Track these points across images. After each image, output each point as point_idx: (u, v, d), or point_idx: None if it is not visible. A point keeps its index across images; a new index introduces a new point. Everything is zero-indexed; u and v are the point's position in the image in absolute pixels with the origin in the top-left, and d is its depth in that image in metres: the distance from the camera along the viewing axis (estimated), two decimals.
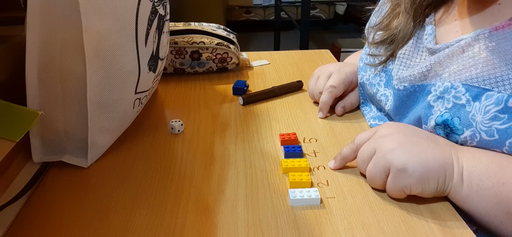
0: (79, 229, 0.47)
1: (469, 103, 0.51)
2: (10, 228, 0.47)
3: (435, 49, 0.57)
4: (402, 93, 0.60)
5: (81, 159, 0.58)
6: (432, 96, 0.55)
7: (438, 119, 0.53)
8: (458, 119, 0.51)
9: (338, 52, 2.82)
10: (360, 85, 0.73)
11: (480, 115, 0.49)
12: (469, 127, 0.50)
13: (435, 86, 0.55)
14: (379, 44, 0.68)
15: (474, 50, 0.52)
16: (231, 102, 0.78)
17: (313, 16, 4.06)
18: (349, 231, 0.46)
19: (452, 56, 0.54)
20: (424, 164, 0.48)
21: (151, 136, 0.66)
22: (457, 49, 0.54)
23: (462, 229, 0.46)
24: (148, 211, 0.49)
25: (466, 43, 0.53)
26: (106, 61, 0.54)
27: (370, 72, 0.69)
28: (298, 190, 0.51)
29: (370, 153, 0.51)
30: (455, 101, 0.52)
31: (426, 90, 0.57)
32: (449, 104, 0.53)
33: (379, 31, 0.69)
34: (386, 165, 0.49)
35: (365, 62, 0.71)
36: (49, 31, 0.50)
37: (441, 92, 0.54)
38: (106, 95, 0.55)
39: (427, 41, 0.60)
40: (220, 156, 0.60)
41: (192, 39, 0.87)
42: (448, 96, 0.53)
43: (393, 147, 0.49)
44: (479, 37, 0.52)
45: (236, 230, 0.46)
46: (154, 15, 0.62)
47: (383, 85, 0.66)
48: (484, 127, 0.49)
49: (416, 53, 0.61)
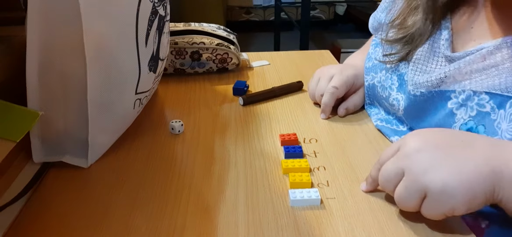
0: (79, 229, 0.47)
1: (493, 111, 0.49)
2: (10, 228, 0.47)
3: (453, 57, 0.56)
4: (418, 98, 0.58)
5: (81, 159, 0.58)
6: (453, 104, 0.54)
7: (462, 127, 0.52)
8: (483, 127, 0.50)
9: (338, 53, 2.82)
10: (369, 87, 0.71)
11: (505, 122, 0.48)
12: (494, 134, 0.49)
13: (455, 92, 0.54)
14: (393, 42, 0.65)
15: (496, 58, 0.51)
16: (231, 102, 0.78)
17: (313, 16, 4.07)
18: (350, 231, 0.46)
19: (473, 63, 0.52)
20: (466, 181, 0.41)
21: (151, 136, 0.66)
22: (479, 57, 0.52)
23: (462, 229, 0.46)
24: (148, 211, 0.49)
25: (488, 51, 0.51)
26: (106, 62, 0.54)
27: (381, 74, 0.67)
28: (298, 191, 0.51)
29: (398, 175, 0.45)
30: (479, 109, 0.51)
31: (445, 95, 0.55)
32: (473, 112, 0.51)
33: (392, 28, 0.66)
34: (421, 190, 0.43)
35: (379, 60, 0.68)
36: (49, 31, 0.50)
37: (464, 100, 0.52)
38: (107, 96, 0.55)
39: (444, 47, 0.58)
40: (220, 157, 0.60)
41: (192, 39, 0.87)
42: (471, 104, 0.52)
43: (425, 167, 0.43)
44: (502, 46, 0.51)
45: (236, 230, 0.46)
46: (155, 15, 0.62)
47: (395, 89, 0.64)
48: (509, 135, 0.47)
49: (432, 58, 0.59)
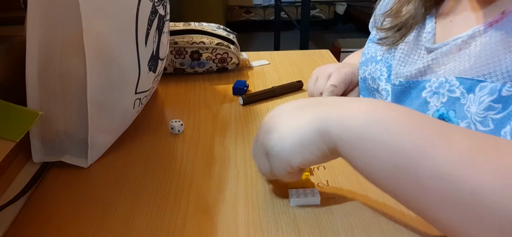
0: (79, 229, 0.47)
1: (463, 96, 0.51)
2: (10, 228, 0.47)
3: (432, 48, 0.58)
4: (397, 88, 0.60)
5: (81, 159, 0.58)
6: (427, 92, 0.55)
7: (435, 114, 0.53)
8: (454, 112, 0.51)
9: (338, 52, 2.83)
10: (362, 80, 0.72)
11: (474, 106, 0.49)
12: (464, 118, 0.50)
13: (429, 82, 0.55)
14: (387, 30, 0.67)
15: (470, 48, 0.52)
16: (231, 102, 0.78)
17: (313, 16, 4.07)
18: (349, 231, 0.46)
19: (449, 54, 0.54)
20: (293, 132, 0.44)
21: (151, 136, 0.66)
22: (454, 47, 0.54)
23: None
24: (148, 211, 0.49)
25: (463, 41, 0.53)
26: (106, 61, 0.54)
27: (371, 66, 0.69)
28: (298, 190, 0.51)
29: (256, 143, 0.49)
30: (449, 95, 0.52)
31: (420, 86, 0.57)
32: (444, 98, 0.53)
33: (388, 17, 0.68)
34: (264, 151, 0.47)
35: (374, 42, 0.70)
36: (49, 31, 0.50)
37: (436, 88, 0.54)
38: (106, 95, 0.55)
39: (425, 39, 0.60)
40: (220, 156, 0.60)
41: (192, 39, 0.87)
42: (443, 91, 0.53)
43: (267, 129, 0.47)
44: (475, 34, 0.52)
45: (236, 230, 0.46)
46: (154, 15, 0.62)
47: (384, 80, 0.65)
48: (479, 118, 0.49)
49: (415, 51, 0.61)
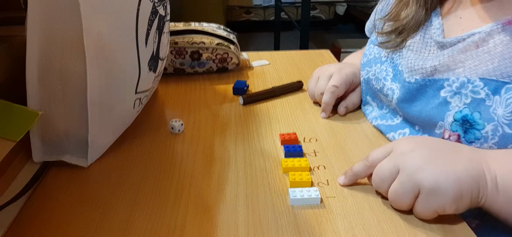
0: (79, 229, 0.47)
1: (488, 97, 0.50)
2: (10, 228, 0.47)
3: (445, 43, 0.57)
4: (412, 86, 0.59)
5: (81, 159, 0.58)
6: (447, 92, 0.54)
7: (457, 115, 0.52)
8: (479, 113, 0.50)
9: (338, 53, 2.83)
10: (365, 81, 0.71)
11: (501, 108, 0.49)
12: (490, 121, 0.49)
13: (448, 81, 0.54)
14: (388, 34, 0.66)
15: (489, 45, 0.52)
16: (231, 102, 0.78)
17: (313, 16, 4.07)
18: (350, 230, 0.46)
19: (466, 51, 0.53)
20: (456, 180, 0.44)
21: (151, 136, 0.66)
22: (471, 44, 0.53)
23: (463, 229, 0.46)
24: (148, 211, 0.49)
25: (480, 38, 0.52)
26: (106, 61, 0.54)
27: (376, 67, 0.68)
28: (298, 190, 0.51)
29: (392, 173, 0.47)
30: (474, 96, 0.51)
31: (437, 84, 0.56)
32: (467, 99, 0.52)
33: (388, 21, 0.68)
34: (415, 185, 0.45)
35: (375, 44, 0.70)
36: (49, 31, 0.50)
37: (458, 88, 0.53)
38: (106, 95, 0.55)
39: (435, 34, 0.59)
40: (220, 156, 0.60)
41: (192, 39, 0.87)
42: (465, 91, 0.52)
43: (419, 165, 0.46)
44: (493, 32, 0.52)
45: (236, 230, 0.46)
46: (155, 15, 0.62)
47: (389, 79, 0.65)
48: (506, 120, 0.48)
49: (424, 46, 0.60)
